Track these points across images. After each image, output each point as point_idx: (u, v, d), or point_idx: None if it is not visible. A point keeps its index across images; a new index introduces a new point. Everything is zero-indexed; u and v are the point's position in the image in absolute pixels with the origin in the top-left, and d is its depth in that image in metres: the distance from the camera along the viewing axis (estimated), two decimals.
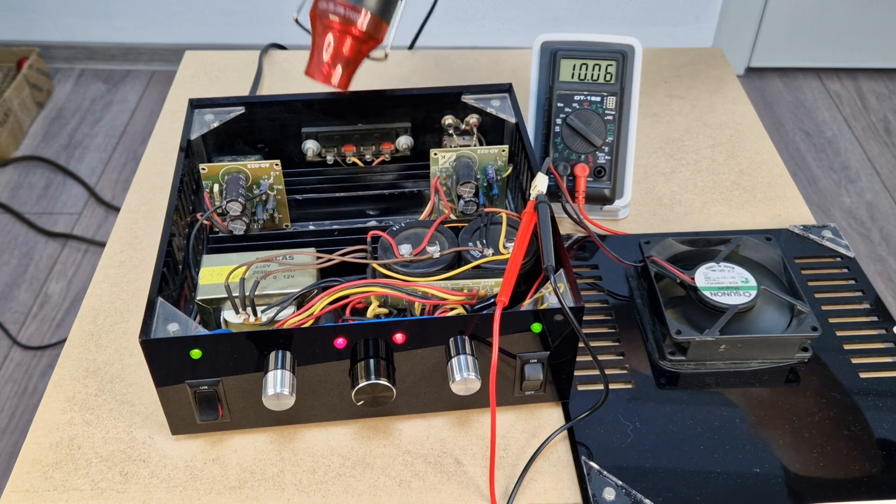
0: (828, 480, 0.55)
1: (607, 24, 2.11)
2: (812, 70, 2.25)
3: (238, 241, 0.67)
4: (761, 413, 0.59)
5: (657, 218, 0.77)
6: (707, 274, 0.65)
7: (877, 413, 0.59)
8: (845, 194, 1.88)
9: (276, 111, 0.73)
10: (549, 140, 0.73)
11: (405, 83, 0.95)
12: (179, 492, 0.55)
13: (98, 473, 0.56)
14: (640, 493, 0.54)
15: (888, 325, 0.66)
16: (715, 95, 0.93)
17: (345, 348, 0.54)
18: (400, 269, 0.60)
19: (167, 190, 0.78)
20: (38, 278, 1.67)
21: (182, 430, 0.58)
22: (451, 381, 0.54)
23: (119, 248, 0.73)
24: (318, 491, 0.56)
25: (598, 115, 0.73)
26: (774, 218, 0.77)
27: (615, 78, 0.73)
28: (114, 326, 0.66)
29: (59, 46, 2.22)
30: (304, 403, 0.57)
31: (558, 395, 0.60)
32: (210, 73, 0.97)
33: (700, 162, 0.84)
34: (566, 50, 0.73)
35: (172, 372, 0.54)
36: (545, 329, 0.55)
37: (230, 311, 0.58)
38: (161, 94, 2.16)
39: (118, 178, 1.91)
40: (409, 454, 0.58)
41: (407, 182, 0.74)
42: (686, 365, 0.63)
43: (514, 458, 0.57)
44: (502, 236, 0.62)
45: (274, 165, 0.68)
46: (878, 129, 2.05)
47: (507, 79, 0.93)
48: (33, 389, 1.47)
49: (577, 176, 0.72)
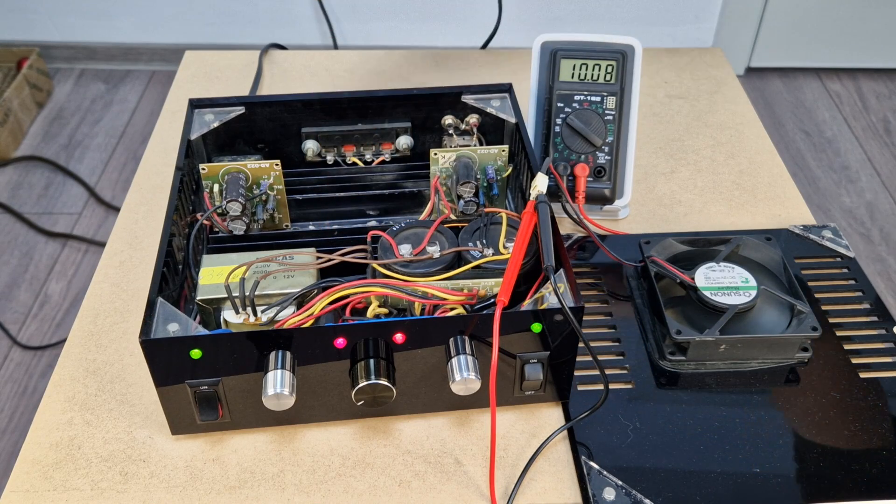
0: (828, 480, 0.55)
1: (607, 24, 2.11)
2: (812, 70, 2.25)
3: (238, 241, 0.67)
4: (761, 413, 0.59)
5: (657, 218, 0.77)
6: (707, 274, 0.65)
7: (877, 413, 0.59)
8: (845, 194, 1.88)
9: (276, 111, 0.73)
10: (549, 140, 0.73)
11: (405, 83, 0.95)
12: (179, 492, 0.55)
13: (98, 473, 0.56)
14: (639, 492, 0.54)
15: (888, 325, 0.66)
16: (715, 95, 0.93)
17: (345, 348, 0.54)
18: (400, 269, 0.60)
19: (167, 190, 0.78)
20: (38, 278, 1.67)
21: (182, 430, 0.58)
22: (451, 381, 0.54)
23: (119, 248, 0.73)
24: (318, 491, 0.56)
25: (598, 115, 0.73)
26: (774, 218, 0.77)
27: (615, 78, 0.73)
28: (114, 326, 0.66)
29: (59, 46, 2.22)
30: (304, 403, 0.57)
31: (558, 395, 0.60)
32: (210, 73, 0.97)
33: (700, 162, 0.84)
34: (566, 50, 0.73)
35: (172, 372, 0.54)
36: (545, 329, 0.55)
37: (230, 311, 0.58)
38: (161, 94, 2.16)
39: (118, 178, 1.91)
40: (409, 454, 0.58)
41: (407, 182, 0.74)
42: (686, 365, 0.63)
43: (514, 458, 0.57)
44: (502, 236, 0.62)
45: (274, 165, 0.68)
46: (879, 129, 2.05)
47: (507, 79, 0.93)
48: (33, 389, 1.47)
49: (577, 176, 0.72)
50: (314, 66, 0.98)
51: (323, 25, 2.13)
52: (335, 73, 0.97)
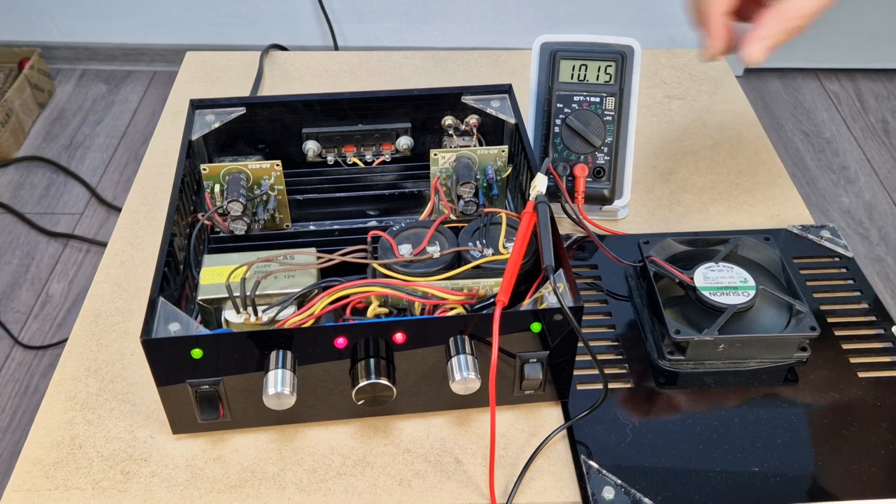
0: (826, 480, 0.56)
1: (607, 24, 2.11)
2: (811, 71, 2.25)
3: (239, 241, 0.68)
4: (760, 412, 0.60)
5: (656, 218, 0.77)
6: (706, 274, 0.65)
7: (875, 412, 0.60)
8: (844, 194, 1.88)
9: (276, 112, 0.73)
10: (549, 140, 0.74)
11: (405, 83, 0.95)
12: (180, 491, 0.56)
13: (99, 472, 0.57)
14: (639, 491, 0.55)
15: (886, 325, 0.66)
16: (714, 96, 0.93)
17: (345, 348, 0.55)
18: (400, 269, 0.60)
19: (168, 190, 0.78)
20: (39, 278, 1.67)
21: (183, 430, 0.58)
22: (450, 380, 0.55)
23: (120, 248, 0.74)
24: (319, 490, 0.56)
25: (598, 116, 0.73)
26: (773, 218, 0.77)
27: (614, 78, 0.73)
28: (115, 326, 0.67)
29: (60, 47, 2.22)
30: (305, 403, 0.57)
31: (558, 394, 0.60)
32: (211, 73, 0.97)
33: (699, 162, 0.84)
34: (566, 51, 0.74)
35: (173, 371, 0.54)
36: (545, 329, 0.56)
37: (231, 310, 0.58)
38: (162, 94, 2.16)
39: (119, 178, 1.91)
40: (410, 453, 0.58)
41: (407, 182, 0.74)
42: (685, 364, 0.63)
43: (514, 458, 0.58)
44: (502, 236, 0.62)
45: (275, 166, 0.68)
46: (877, 129, 2.06)
47: (507, 79, 0.93)
48: (35, 389, 1.48)
49: (576, 176, 0.72)
50: (315, 67, 0.98)
51: (323, 26, 2.13)
52: (336, 74, 0.97)
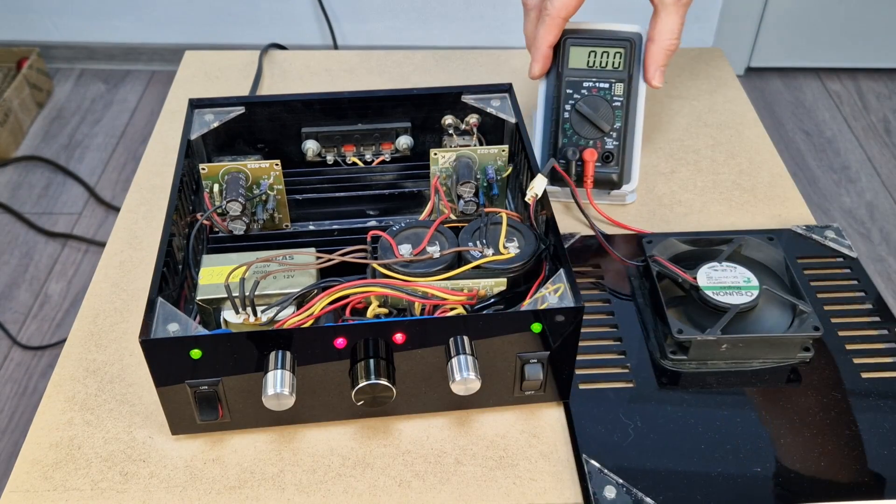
0: (828, 480, 0.55)
1: None
2: (812, 70, 2.25)
3: (238, 241, 0.67)
4: (762, 413, 0.59)
5: (657, 218, 0.77)
6: (709, 273, 0.65)
7: (878, 413, 0.59)
8: (845, 194, 1.88)
9: (276, 111, 0.73)
10: (559, 126, 0.74)
11: (405, 83, 0.95)
12: (179, 492, 0.55)
13: (98, 473, 0.56)
14: (640, 491, 0.54)
15: (890, 326, 0.66)
16: (715, 95, 0.93)
17: (345, 348, 0.54)
18: (400, 269, 0.60)
19: (167, 190, 0.78)
20: (38, 278, 1.67)
21: (182, 430, 0.58)
22: (451, 381, 0.54)
23: (119, 248, 0.73)
24: (318, 491, 0.55)
25: (607, 102, 0.73)
26: (774, 218, 0.77)
27: (623, 65, 0.74)
28: (114, 326, 0.66)
29: (58, 46, 2.22)
30: (304, 403, 0.57)
31: (559, 394, 0.60)
32: (210, 73, 0.97)
33: (700, 162, 0.84)
34: (575, 38, 0.74)
35: (172, 372, 0.54)
36: (545, 329, 0.55)
37: (230, 311, 0.58)
38: (161, 94, 2.16)
39: (118, 178, 1.91)
40: (409, 454, 0.58)
41: (407, 182, 0.74)
42: (687, 364, 0.62)
43: (514, 458, 0.57)
44: (502, 236, 0.61)
45: (274, 165, 0.68)
46: (878, 129, 2.05)
47: (508, 79, 0.93)
48: (33, 389, 1.47)
49: (585, 161, 0.73)
50: (314, 66, 0.98)
51: (323, 25, 2.13)
52: (335, 73, 0.97)
